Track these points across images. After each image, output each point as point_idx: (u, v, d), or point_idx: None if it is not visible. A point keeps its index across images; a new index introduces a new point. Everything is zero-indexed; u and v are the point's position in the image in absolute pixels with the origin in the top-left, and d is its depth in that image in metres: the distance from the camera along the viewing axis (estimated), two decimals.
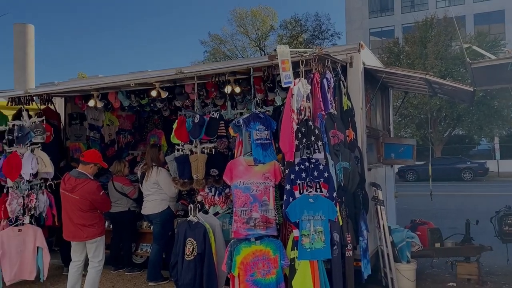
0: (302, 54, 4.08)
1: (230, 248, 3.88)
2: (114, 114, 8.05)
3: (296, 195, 3.78)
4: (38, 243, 5.69)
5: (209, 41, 35.18)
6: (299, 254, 3.70)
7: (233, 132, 4.10)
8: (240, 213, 3.84)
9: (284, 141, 3.72)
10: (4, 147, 5.74)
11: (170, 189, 5.69)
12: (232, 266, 3.83)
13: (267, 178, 4.00)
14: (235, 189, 3.87)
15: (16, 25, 26.54)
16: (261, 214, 3.91)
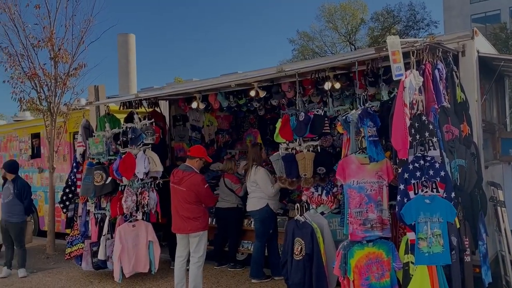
0: (412, 44, 3.81)
1: (344, 251, 3.74)
2: (213, 115, 8.35)
3: (411, 196, 3.54)
4: (150, 237, 6.07)
5: (297, 39, 35.10)
6: (416, 259, 3.46)
7: (341, 129, 3.96)
8: (356, 214, 3.69)
9: (397, 138, 3.50)
10: (118, 148, 6.18)
11: (267, 188, 5.74)
12: (347, 270, 3.69)
13: (380, 176, 3.80)
14: (348, 189, 3.73)
15: (120, 36, 28.77)
16: (377, 214, 3.73)
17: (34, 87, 8.22)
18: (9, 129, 11.22)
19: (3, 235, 6.92)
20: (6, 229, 6.79)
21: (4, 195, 6.80)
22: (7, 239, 6.84)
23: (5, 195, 6.78)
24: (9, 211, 6.72)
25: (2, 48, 8.03)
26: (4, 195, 6.80)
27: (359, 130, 3.95)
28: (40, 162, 10.02)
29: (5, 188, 6.83)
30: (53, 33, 8.20)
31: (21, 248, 6.79)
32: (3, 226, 6.83)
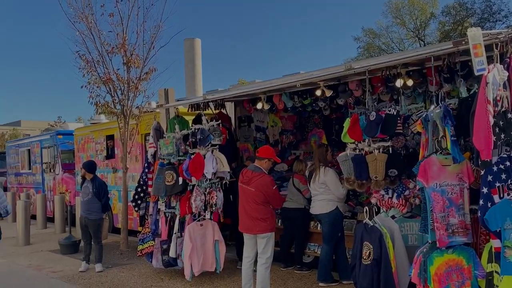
0: (496, 36, 3.51)
1: (423, 258, 3.53)
2: (277, 115, 8.33)
3: (496, 200, 3.25)
4: (216, 237, 6.15)
5: (362, 36, 34.13)
6: (503, 268, 3.17)
7: (421, 128, 3.74)
8: (441, 219, 3.45)
9: (479, 138, 3.23)
10: (187, 149, 6.34)
11: (338, 189, 5.60)
12: (427, 278, 3.48)
13: (460, 179, 3.54)
14: (432, 192, 3.50)
15: (186, 40, 29.68)
16: (459, 219, 3.47)
17: (109, 91, 8.68)
18: (86, 132, 11.98)
19: (82, 232, 7.31)
20: (85, 225, 7.16)
21: (84, 193, 7.18)
22: (86, 235, 7.21)
23: (85, 194, 7.15)
24: (88, 209, 7.10)
25: (80, 55, 8.55)
26: (84, 194, 7.18)
27: (435, 129, 3.70)
28: (114, 163, 10.58)
29: (84, 187, 7.20)
30: (126, 40, 8.61)
31: (99, 244, 7.18)
32: (83, 222, 7.21)
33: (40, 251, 8.84)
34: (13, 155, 15.81)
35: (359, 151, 4.54)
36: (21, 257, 8.31)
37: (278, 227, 6.58)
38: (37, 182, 13.99)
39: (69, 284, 6.36)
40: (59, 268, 7.35)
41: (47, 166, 13.24)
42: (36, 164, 14.09)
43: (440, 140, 3.57)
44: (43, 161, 13.52)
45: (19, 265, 7.73)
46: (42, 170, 13.60)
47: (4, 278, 6.80)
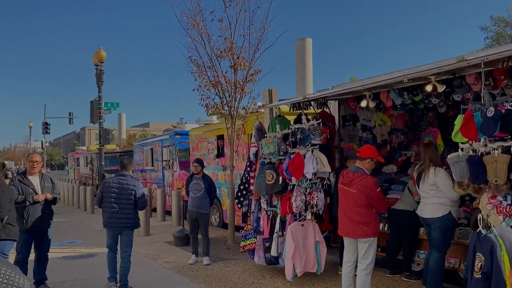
0: None
1: None
2: (386, 113, 7.88)
3: None
4: (317, 238, 6.05)
5: (491, 26, 30.80)
6: None
7: None
8: None
9: None
10: (288, 148, 6.33)
11: (450, 191, 5.05)
12: None
13: None
14: None
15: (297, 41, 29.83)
16: None
17: (218, 93, 9.08)
18: (200, 132, 12.74)
19: (192, 226, 7.65)
20: (195, 219, 7.51)
21: (195, 190, 7.49)
22: (194, 230, 7.62)
23: (197, 190, 7.48)
24: (200, 204, 7.47)
25: (192, 60, 9.08)
26: (195, 190, 7.49)
27: None
28: (224, 161, 11.06)
29: (195, 184, 7.54)
30: (233, 43, 8.92)
31: (206, 238, 7.55)
32: (193, 217, 7.51)
33: (157, 242, 9.62)
34: (139, 153, 17.51)
35: (473, 151, 4.04)
36: (140, 246, 9.11)
37: (384, 232, 6.24)
38: (158, 178, 15.30)
39: (179, 275, 6.79)
40: (171, 259, 7.90)
41: (167, 163, 14.38)
42: (157, 161, 15.41)
43: None
44: (163, 158, 14.72)
45: (138, 253, 8.47)
46: (163, 167, 14.81)
47: None
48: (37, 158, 6.02)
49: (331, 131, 7.26)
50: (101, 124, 18.65)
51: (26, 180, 5.76)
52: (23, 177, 5.78)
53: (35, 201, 5.67)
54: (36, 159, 5.95)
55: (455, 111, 7.28)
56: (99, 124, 18.65)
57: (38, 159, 5.99)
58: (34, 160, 5.90)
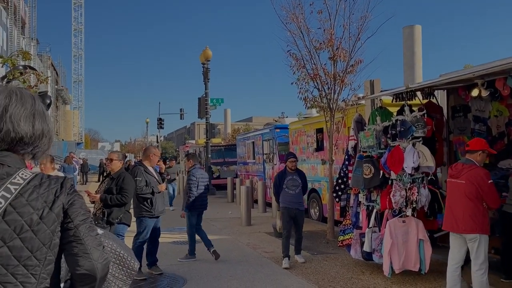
0: None
1: None
2: (503, 103, 7.13)
3: None
4: (420, 236, 5.74)
5: None
6: None
7: None
8: None
9: None
10: (388, 141, 6.07)
11: None
12: None
13: None
14: None
15: (405, 28, 28.32)
16: None
17: (316, 86, 9.02)
18: (299, 125, 12.79)
19: (288, 224, 7.04)
20: (293, 217, 7.02)
21: (293, 186, 7.04)
22: (291, 229, 7.08)
23: (294, 186, 7.04)
24: (298, 201, 7.08)
25: (290, 54, 9.14)
26: (293, 186, 7.04)
27: None
28: (323, 155, 10.97)
29: (292, 179, 7.06)
30: (333, 34, 8.78)
31: (301, 235, 7.27)
32: (291, 215, 7.01)
33: (258, 232, 9.92)
34: (241, 146, 18.17)
35: None
36: (242, 236, 9.49)
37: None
38: (259, 171, 15.73)
39: (278, 265, 6.93)
40: (270, 249, 8.10)
41: (267, 156, 14.71)
42: (258, 154, 15.84)
43: None
44: (264, 152, 15.09)
45: (240, 242, 8.86)
46: (263, 160, 15.19)
47: (227, 252, 7.89)
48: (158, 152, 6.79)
49: (438, 123, 6.80)
50: (207, 119, 19.75)
51: (149, 170, 6.32)
52: (146, 167, 6.32)
53: (159, 191, 6.28)
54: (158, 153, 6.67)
55: None
56: (205, 119, 19.77)
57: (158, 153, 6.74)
58: (158, 154, 6.61)
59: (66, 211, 1.50)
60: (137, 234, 6.29)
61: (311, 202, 11.81)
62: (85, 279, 1.50)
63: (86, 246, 1.51)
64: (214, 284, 5.94)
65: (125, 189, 5.46)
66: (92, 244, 1.53)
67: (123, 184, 5.48)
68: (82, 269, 1.49)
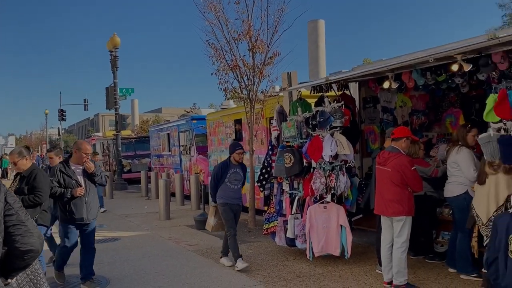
0: None
1: None
2: (406, 95, 7.79)
3: None
4: (341, 221, 6.03)
5: (509, 2, 30.00)
6: None
7: None
8: None
9: None
10: (309, 131, 6.31)
11: (469, 170, 5.15)
12: None
13: None
14: None
15: (310, 22, 29.47)
16: None
17: (236, 77, 9.05)
18: (217, 116, 12.75)
19: (231, 222, 6.31)
20: (235, 214, 6.40)
21: (235, 180, 6.34)
22: (234, 226, 6.34)
23: (237, 180, 6.37)
24: (239, 196, 6.45)
25: (210, 44, 9.05)
26: (236, 180, 6.36)
27: None
28: (242, 145, 11.07)
29: (235, 173, 6.35)
30: (251, 26, 8.85)
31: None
32: (234, 211, 6.37)
33: (179, 226, 9.75)
34: (155, 138, 17.65)
35: (505, 131, 3.99)
36: (163, 230, 9.27)
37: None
38: (175, 163, 15.43)
39: (203, 257, 6.89)
40: (194, 242, 8.02)
41: (184, 148, 14.48)
42: (174, 146, 15.52)
43: None
44: (180, 143, 14.82)
45: (161, 237, 8.63)
46: (180, 152, 14.92)
47: (149, 247, 7.66)
48: (90, 151, 5.58)
49: (352, 113, 7.22)
50: (117, 110, 18.81)
51: (68, 170, 5.33)
52: (67, 165, 5.37)
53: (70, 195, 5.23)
54: (89, 152, 5.52)
55: (478, 91, 7.21)
56: (115, 110, 18.82)
57: (90, 152, 5.58)
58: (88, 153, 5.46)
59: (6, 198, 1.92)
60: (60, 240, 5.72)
61: None
62: (30, 253, 1.95)
63: (29, 227, 1.96)
64: (140, 282, 5.73)
65: (38, 188, 4.93)
66: (31, 225, 2.00)
67: (35, 183, 4.95)
68: (28, 246, 1.93)
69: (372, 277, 5.57)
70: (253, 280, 5.65)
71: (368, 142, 7.96)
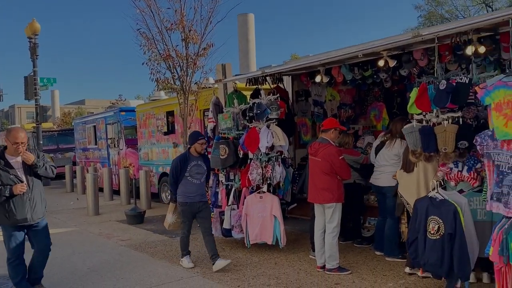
0: None
1: (505, 235, 3.36)
2: (335, 89, 8.14)
3: None
4: (273, 212, 6.08)
5: (424, 4, 32.35)
6: None
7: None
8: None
9: None
10: (246, 123, 6.40)
11: None
12: (509, 256, 3.33)
13: None
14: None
15: (240, 16, 29.56)
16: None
17: (169, 67, 8.90)
18: (147, 108, 12.42)
19: (189, 222, 5.82)
20: (196, 212, 5.77)
21: (198, 174, 5.71)
22: (190, 225, 5.88)
23: (200, 174, 5.72)
24: (202, 192, 5.78)
25: (141, 33, 8.79)
26: (199, 174, 5.71)
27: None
28: (174, 138, 10.92)
29: (197, 166, 5.69)
30: (184, 16, 8.73)
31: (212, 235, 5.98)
32: (194, 210, 5.73)
33: (109, 221, 9.41)
34: (80, 131, 16.78)
35: (426, 122, 4.35)
36: (92, 226, 8.89)
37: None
38: (103, 157, 14.80)
39: (137, 252, 6.73)
40: (126, 237, 7.79)
41: (112, 141, 13.92)
42: (101, 139, 14.87)
43: None
44: (108, 136, 14.23)
45: (91, 233, 8.28)
46: (107, 145, 14.34)
47: (78, 244, 7.32)
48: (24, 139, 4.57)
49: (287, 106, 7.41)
50: (37, 101, 17.59)
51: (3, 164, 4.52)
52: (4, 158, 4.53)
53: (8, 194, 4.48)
54: (23, 140, 4.55)
55: (400, 86, 7.74)
56: (35, 101, 17.58)
57: (24, 140, 4.57)
58: (19, 141, 4.50)
59: None
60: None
61: (163, 186, 11.67)
62: None
63: None
64: (71, 280, 5.47)
65: None
66: None
67: None
68: None
69: (306, 262, 5.80)
70: (190, 271, 5.64)
71: (301, 134, 8.23)
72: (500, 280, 3.50)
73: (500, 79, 3.62)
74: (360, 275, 5.20)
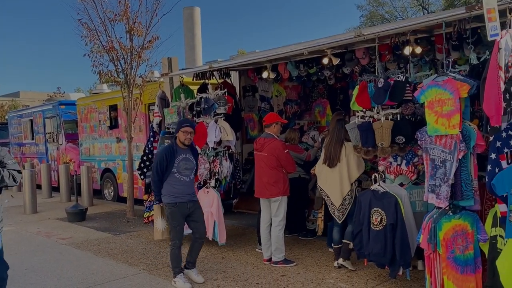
0: (510, 1, 3.48)
1: (433, 224, 3.62)
2: (281, 85, 8.30)
3: (503, 165, 3.29)
4: (213, 208, 5.91)
5: (366, 5, 33.55)
6: (507, 232, 3.24)
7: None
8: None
9: (489, 104, 3.24)
10: (193, 118, 6.35)
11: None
12: (437, 243, 3.59)
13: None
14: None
15: (185, 9, 29.12)
16: None
17: (112, 60, 8.61)
18: (89, 102, 11.95)
19: (180, 227, 4.96)
20: (188, 214, 4.96)
21: (187, 169, 4.87)
22: (181, 229, 5.02)
23: (189, 170, 4.89)
24: (192, 191, 5.00)
25: (82, 24, 8.44)
26: (187, 170, 4.88)
27: None
28: (118, 133, 10.61)
29: (185, 160, 4.85)
30: (128, 7, 8.48)
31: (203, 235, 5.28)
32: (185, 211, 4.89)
33: (48, 219, 8.99)
34: (15, 125, 15.83)
35: (368, 119, 4.55)
36: (29, 225, 8.45)
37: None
38: (40, 152, 14.08)
39: (80, 250, 6.50)
40: (67, 235, 7.49)
41: (50, 136, 13.27)
42: (39, 134, 14.13)
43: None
44: (46, 131, 13.54)
45: (28, 232, 7.88)
46: (46, 140, 13.65)
47: (15, 244, 6.93)
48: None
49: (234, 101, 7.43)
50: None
51: None
52: None
53: None
54: None
55: (343, 83, 8.03)
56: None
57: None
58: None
59: None
60: None
61: (105, 182, 11.32)
62: None
63: None
64: (8, 282, 5.17)
65: None
66: None
67: None
68: None
69: (253, 256, 5.89)
70: (135, 268, 5.54)
71: (248, 129, 8.30)
72: (429, 265, 3.78)
73: (433, 79, 3.87)
74: (305, 266, 5.36)
